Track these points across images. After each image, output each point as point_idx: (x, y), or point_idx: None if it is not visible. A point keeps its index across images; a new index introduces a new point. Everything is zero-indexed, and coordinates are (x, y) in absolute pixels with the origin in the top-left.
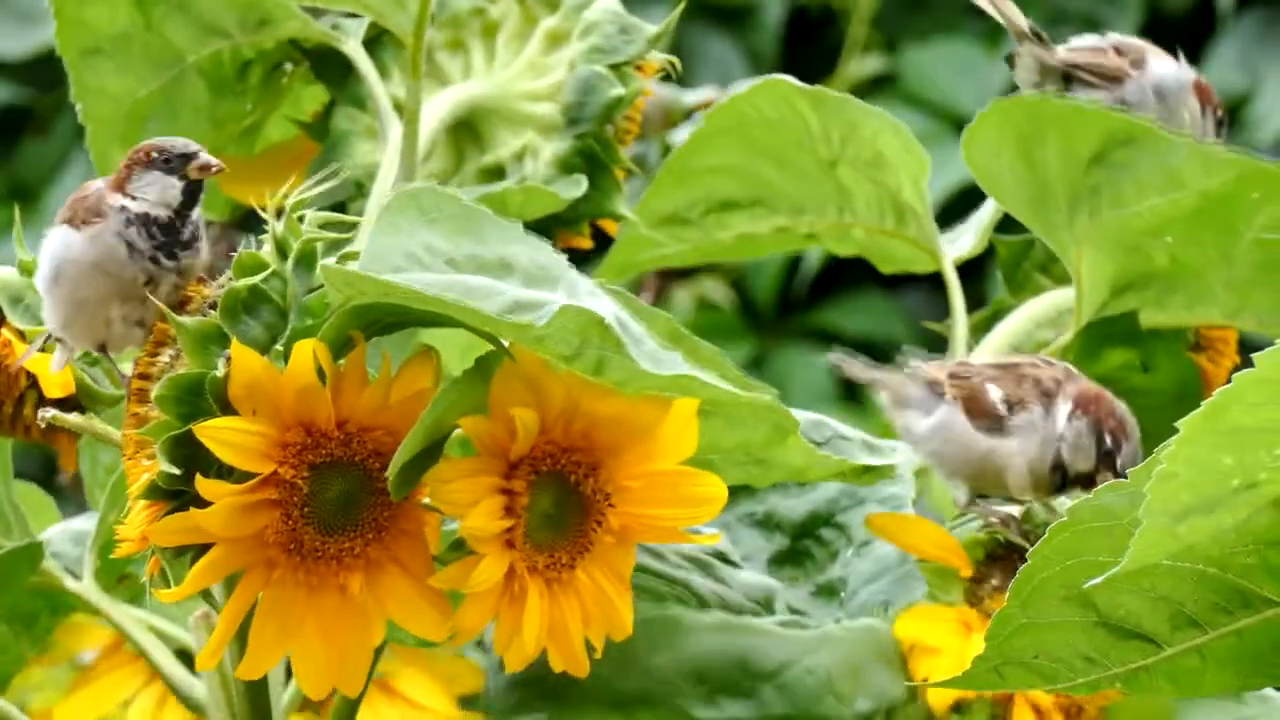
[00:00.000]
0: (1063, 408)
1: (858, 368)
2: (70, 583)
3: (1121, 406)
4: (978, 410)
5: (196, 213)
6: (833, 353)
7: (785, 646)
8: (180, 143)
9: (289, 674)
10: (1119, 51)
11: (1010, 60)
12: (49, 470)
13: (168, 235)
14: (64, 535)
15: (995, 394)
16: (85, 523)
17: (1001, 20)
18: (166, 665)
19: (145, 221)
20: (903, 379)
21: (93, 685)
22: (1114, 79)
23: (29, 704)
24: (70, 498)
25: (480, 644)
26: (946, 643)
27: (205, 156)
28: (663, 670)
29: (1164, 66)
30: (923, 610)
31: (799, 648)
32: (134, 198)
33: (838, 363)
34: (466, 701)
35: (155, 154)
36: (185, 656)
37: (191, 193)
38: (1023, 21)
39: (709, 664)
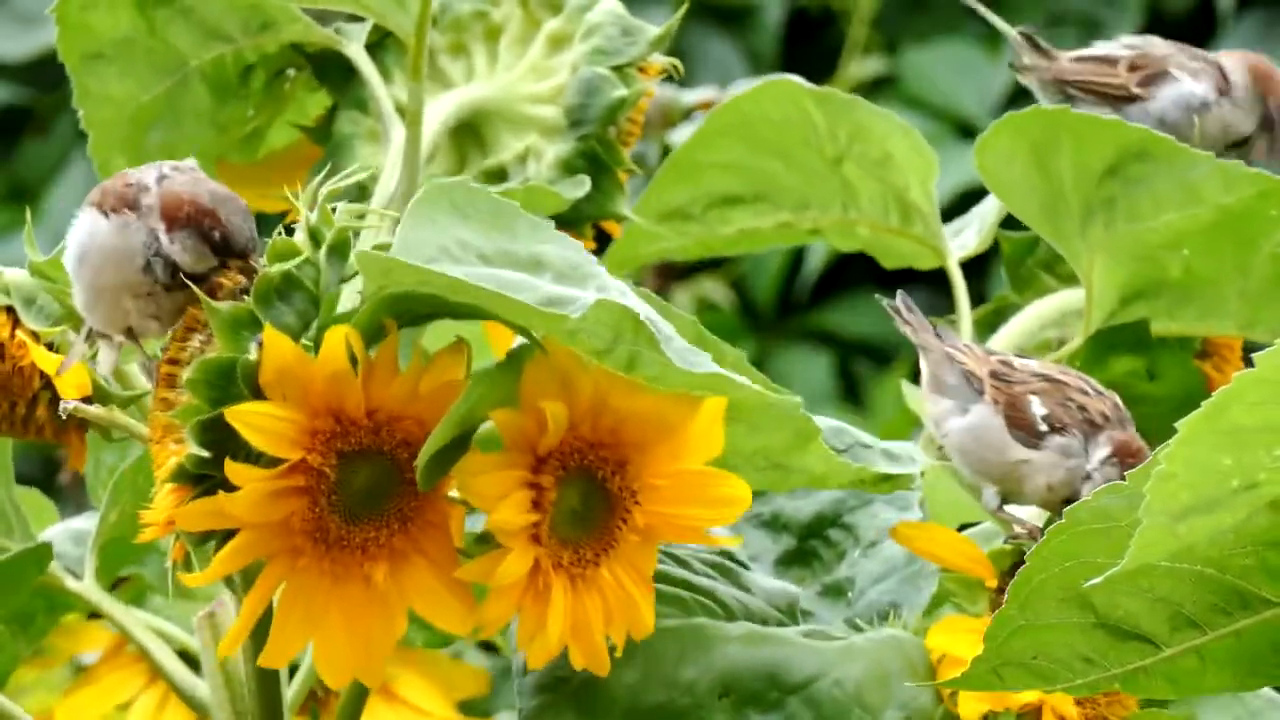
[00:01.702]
0: (1102, 449)
1: (912, 322)
2: (71, 582)
3: None
4: (1018, 420)
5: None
6: (898, 297)
7: (812, 659)
8: (242, 240)
9: (290, 674)
10: (1133, 67)
11: (1015, 68)
12: (49, 471)
13: (180, 283)
14: (64, 535)
15: (1038, 409)
16: (85, 522)
17: (997, 26)
18: (169, 665)
19: (173, 261)
20: (942, 357)
21: (93, 686)
22: (1116, 98)
23: (24, 703)
24: (70, 499)
25: (488, 647)
26: (972, 652)
27: (236, 275)
28: (689, 682)
29: (1177, 90)
30: (952, 622)
31: (826, 660)
32: (171, 240)
33: (894, 308)
34: (466, 706)
35: (213, 228)
36: (185, 658)
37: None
38: (1010, 30)
39: (736, 676)
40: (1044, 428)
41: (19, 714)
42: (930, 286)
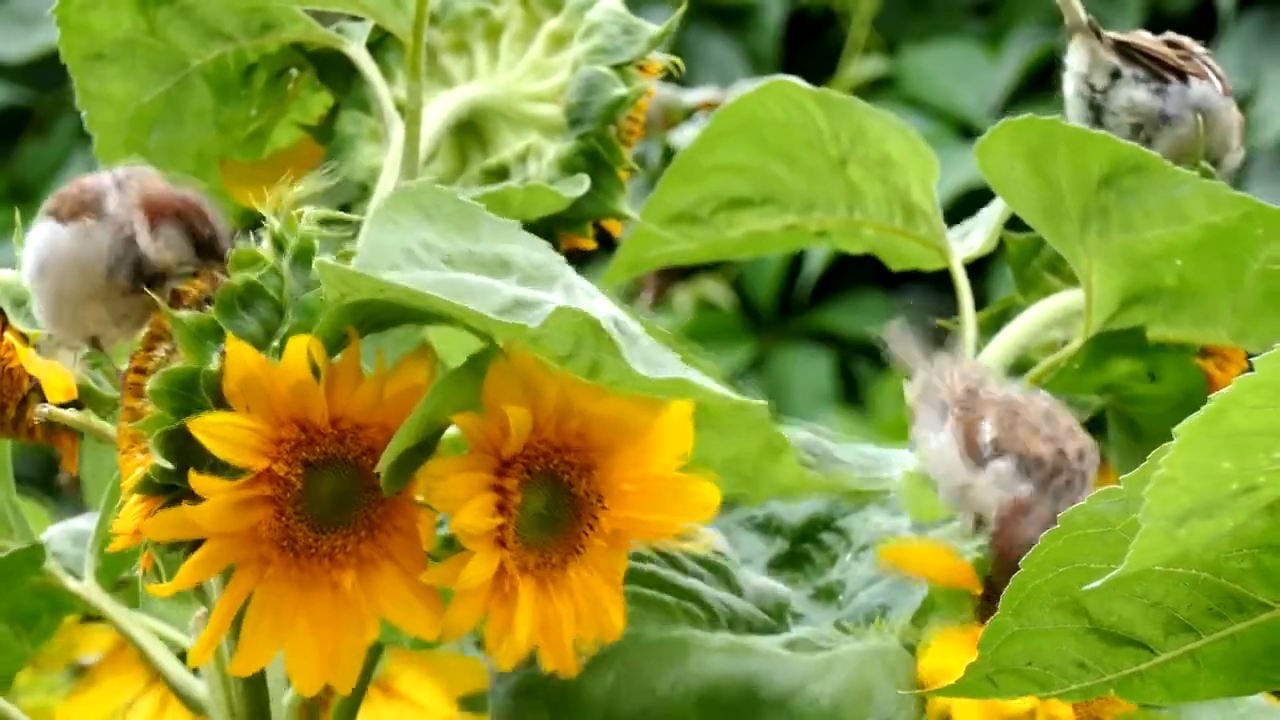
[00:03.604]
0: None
1: (906, 347)
2: (71, 583)
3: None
4: (970, 444)
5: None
6: (896, 323)
7: (792, 671)
8: (226, 241)
9: None
10: (1181, 53)
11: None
12: (48, 472)
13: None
14: (64, 535)
15: (987, 434)
16: (85, 523)
17: (1061, 7)
18: (167, 664)
19: (147, 265)
20: (926, 381)
21: (94, 689)
22: (1174, 71)
23: (21, 703)
24: (69, 499)
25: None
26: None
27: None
28: (667, 694)
29: (1215, 87)
30: (944, 637)
31: (806, 673)
32: (154, 236)
33: (889, 335)
34: (469, 702)
35: (203, 226)
36: (184, 659)
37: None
38: (1083, 14)
39: (715, 689)
40: (988, 452)
41: (17, 715)
42: (935, 287)
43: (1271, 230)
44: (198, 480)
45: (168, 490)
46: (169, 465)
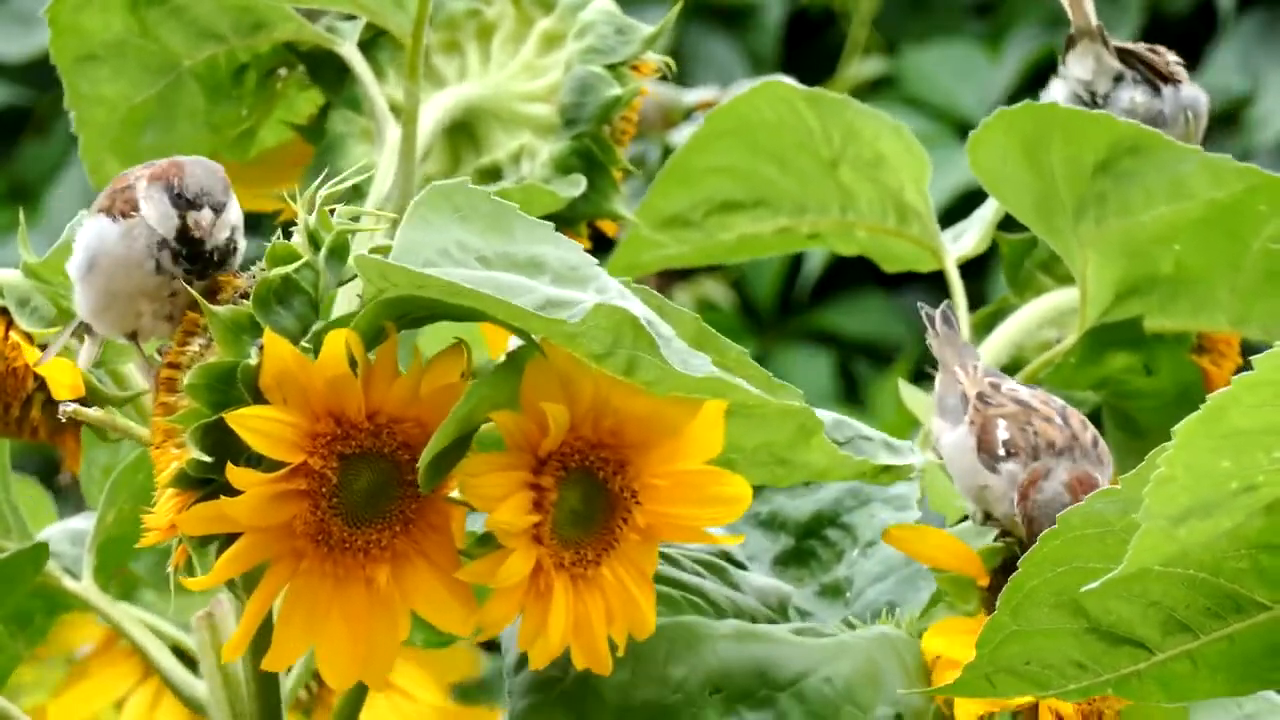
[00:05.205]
0: (1059, 474)
1: (941, 335)
2: (69, 582)
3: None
4: (986, 444)
5: (234, 218)
6: (942, 308)
7: (803, 655)
8: (197, 186)
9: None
10: (1158, 55)
11: (1067, 47)
12: (48, 472)
13: (196, 261)
14: (62, 534)
15: (1002, 434)
16: (83, 522)
17: (1070, 13)
18: (166, 663)
19: (172, 243)
20: (950, 376)
21: (86, 682)
22: (1165, 76)
23: (21, 702)
24: (69, 498)
25: (489, 645)
26: (968, 655)
27: (201, 216)
28: (680, 680)
29: (1199, 90)
30: (947, 624)
31: (817, 656)
32: (146, 205)
33: (930, 316)
34: (461, 689)
35: (174, 180)
36: (178, 654)
37: (185, 236)
38: (1093, 17)
39: (726, 673)
40: (1002, 453)
41: (15, 714)
42: (930, 288)
43: (1275, 205)
44: (235, 473)
45: (203, 484)
46: (206, 459)
